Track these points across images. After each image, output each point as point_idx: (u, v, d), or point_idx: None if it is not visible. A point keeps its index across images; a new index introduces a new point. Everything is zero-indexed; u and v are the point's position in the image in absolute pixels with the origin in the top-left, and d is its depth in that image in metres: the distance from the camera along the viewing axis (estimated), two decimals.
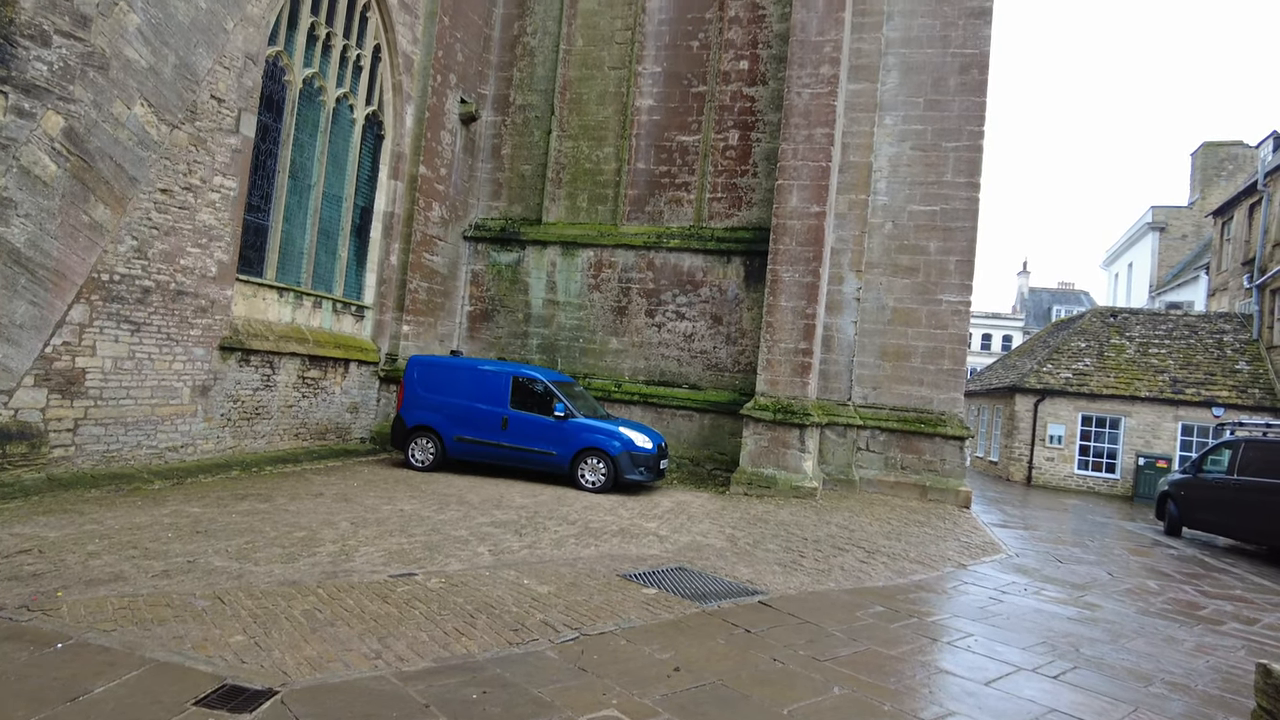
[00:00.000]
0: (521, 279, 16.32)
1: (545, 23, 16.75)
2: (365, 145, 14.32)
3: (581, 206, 16.22)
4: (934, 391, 14.16)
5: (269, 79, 11.81)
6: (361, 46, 13.85)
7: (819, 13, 13.64)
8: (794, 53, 13.71)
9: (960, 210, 14.21)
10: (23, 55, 7.96)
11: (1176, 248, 36.55)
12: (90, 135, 8.66)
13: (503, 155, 16.91)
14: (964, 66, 14.43)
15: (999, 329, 59.68)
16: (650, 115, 15.83)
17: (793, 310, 13.34)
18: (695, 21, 15.69)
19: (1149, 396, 22.13)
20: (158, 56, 9.44)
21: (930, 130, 14.47)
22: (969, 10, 14.49)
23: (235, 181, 10.96)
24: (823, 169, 13.42)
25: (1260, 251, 24.13)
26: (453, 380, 12.63)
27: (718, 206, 15.30)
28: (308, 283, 13.20)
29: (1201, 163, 35.78)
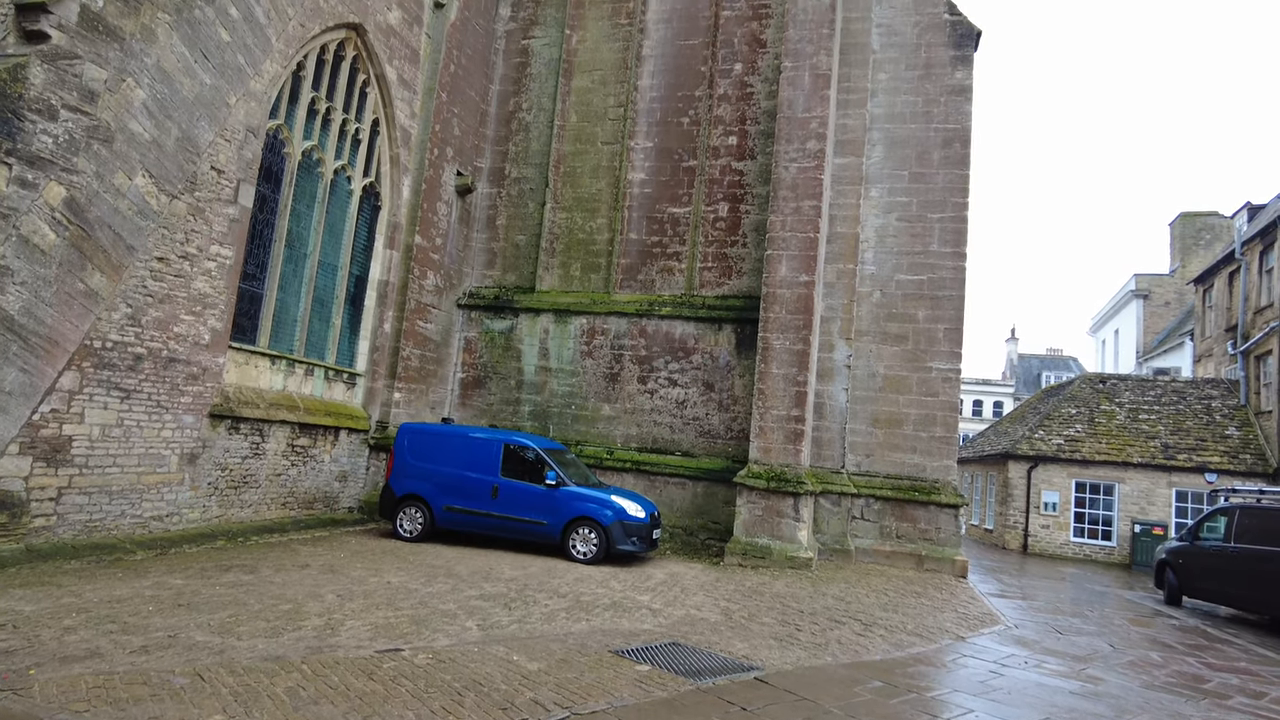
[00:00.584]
0: (514, 346, 16.38)
1: (540, 100, 17.26)
2: (362, 215, 14.55)
3: (575, 275, 16.43)
4: (927, 459, 14.13)
5: (269, 151, 12.07)
6: (361, 121, 14.21)
7: (805, 91, 14.12)
8: (781, 129, 14.13)
9: (947, 279, 14.45)
10: (29, 129, 8.13)
11: (1161, 314, 37.14)
12: (91, 205, 8.79)
13: (498, 225, 17.19)
14: (946, 141, 14.88)
15: (989, 395, 59.96)
16: (642, 188, 16.19)
17: (784, 377, 13.40)
18: (685, 99, 16.20)
19: (1141, 463, 22.12)
20: (161, 130, 9.65)
21: (915, 202, 14.83)
22: (950, 88, 15.03)
23: (231, 250, 11.08)
24: (811, 240, 13.68)
25: (1242, 318, 24.52)
26: (443, 448, 12.54)
27: (708, 275, 15.52)
28: (300, 350, 13.22)
29: (1180, 232, 36.69)
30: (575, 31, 17.09)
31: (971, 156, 14.84)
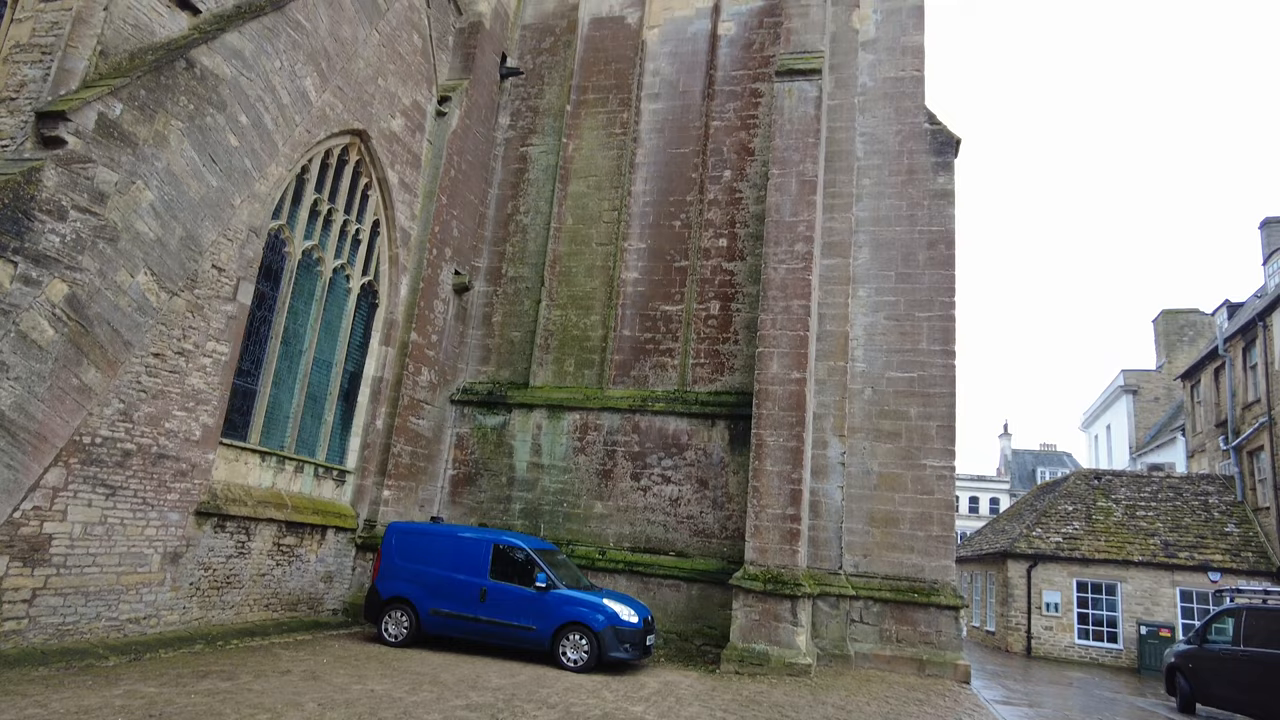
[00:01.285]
0: (506, 442, 16.30)
1: (538, 203, 17.81)
2: (359, 313, 14.74)
3: (568, 371, 16.53)
4: (925, 559, 13.89)
5: (269, 250, 12.32)
6: (361, 222, 14.59)
7: (792, 196, 14.62)
8: (770, 232, 14.55)
9: (938, 377, 14.59)
10: (38, 228, 8.32)
11: (1151, 409, 37.41)
12: (92, 302, 8.90)
13: (493, 323, 17.41)
14: (931, 243, 15.33)
15: (985, 491, 59.49)
16: (635, 286, 16.51)
17: (779, 475, 13.31)
18: (677, 204, 16.74)
19: (1142, 561, 21.77)
20: (166, 230, 9.89)
21: (903, 301, 15.14)
22: (932, 192, 15.60)
23: (228, 347, 11.15)
24: (801, 338, 13.87)
25: (1231, 413, 24.68)
26: (431, 548, 12.28)
27: (701, 371, 15.64)
28: (291, 446, 13.12)
29: (1163, 329, 37.40)
30: (572, 140, 17.81)
31: (956, 257, 15.26)
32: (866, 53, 16.73)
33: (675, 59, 17.73)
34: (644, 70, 17.82)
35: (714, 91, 17.14)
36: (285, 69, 11.88)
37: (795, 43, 15.58)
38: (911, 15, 16.85)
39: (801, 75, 15.05)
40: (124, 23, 10.04)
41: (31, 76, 9.73)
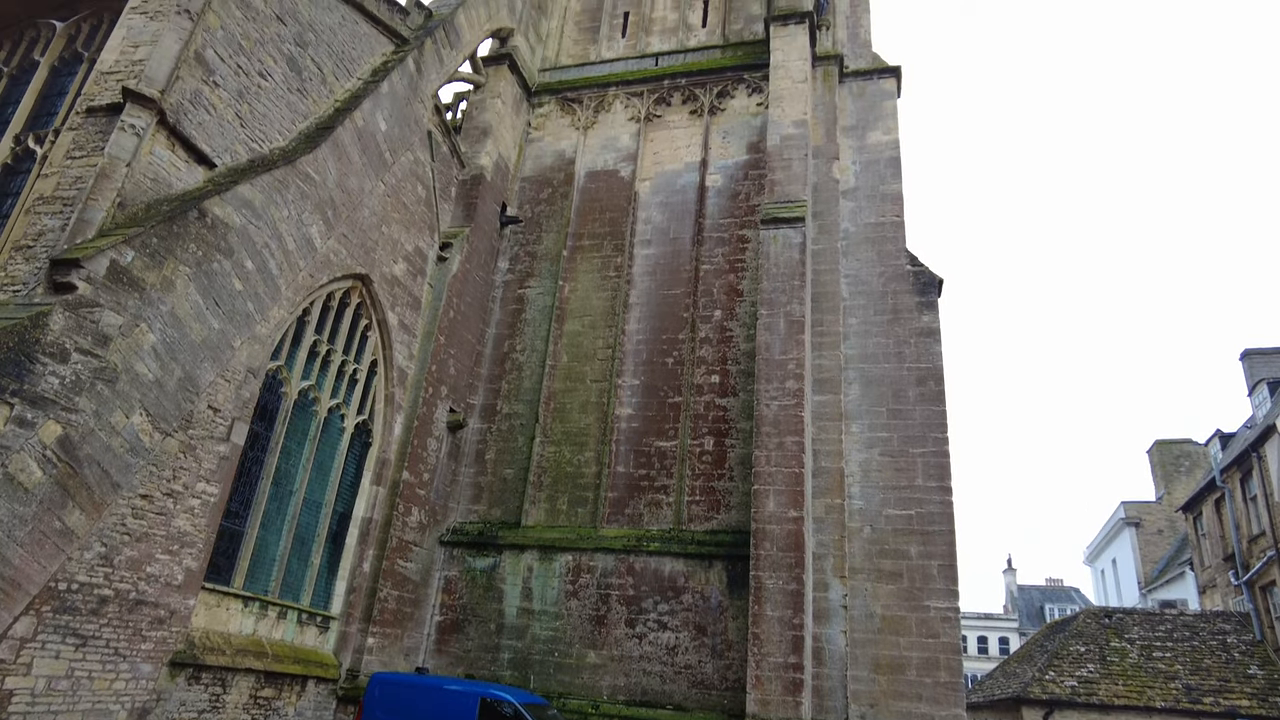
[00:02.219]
0: (496, 585, 15.80)
1: (534, 342, 18.17)
2: (352, 452, 14.68)
3: (561, 509, 16.28)
4: (934, 708, 13.20)
5: (266, 390, 12.43)
6: (359, 362, 14.81)
7: (781, 335, 14.98)
8: (761, 369, 14.80)
9: (936, 514, 14.42)
10: (39, 371, 8.43)
11: (1155, 542, 36.75)
12: (84, 443, 8.88)
13: (486, 460, 17.32)
14: (920, 379, 15.56)
15: (993, 630, 57.22)
16: (629, 423, 16.58)
17: (779, 620, 12.86)
18: (669, 341, 17.11)
19: (1165, 707, 20.68)
20: (165, 371, 10.02)
21: (896, 437, 15.18)
22: (918, 330, 16.00)
23: (218, 488, 11.03)
24: (796, 474, 13.80)
25: (1238, 547, 24.23)
26: (415, 703, 11.65)
27: (696, 509, 15.42)
28: (276, 591, 12.70)
29: (1159, 459, 37.36)
30: (568, 282, 18.42)
31: (946, 393, 15.44)
32: (848, 200, 17.64)
33: (666, 208, 18.64)
34: (636, 218, 18.70)
35: (703, 237, 17.92)
36: (293, 218, 12.43)
37: (779, 193, 16.46)
38: (889, 166, 17.91)
39: (786, 223, 15.80)
40: (144, 177, 10.61)
41: (50, 226, 10.17)
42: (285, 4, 13.46)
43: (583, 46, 22.19)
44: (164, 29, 11.47)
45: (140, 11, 12.16)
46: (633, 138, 19.71)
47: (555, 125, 20.62)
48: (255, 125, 12.63)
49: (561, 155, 20.14)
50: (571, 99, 20.71)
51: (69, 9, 13.44)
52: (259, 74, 12.78)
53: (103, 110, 10.94)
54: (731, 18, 21.24)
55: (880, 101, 18.94)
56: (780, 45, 18.32)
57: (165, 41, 11.32)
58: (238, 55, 12.39)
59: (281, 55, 13.26)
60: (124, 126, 10.53)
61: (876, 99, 18.99)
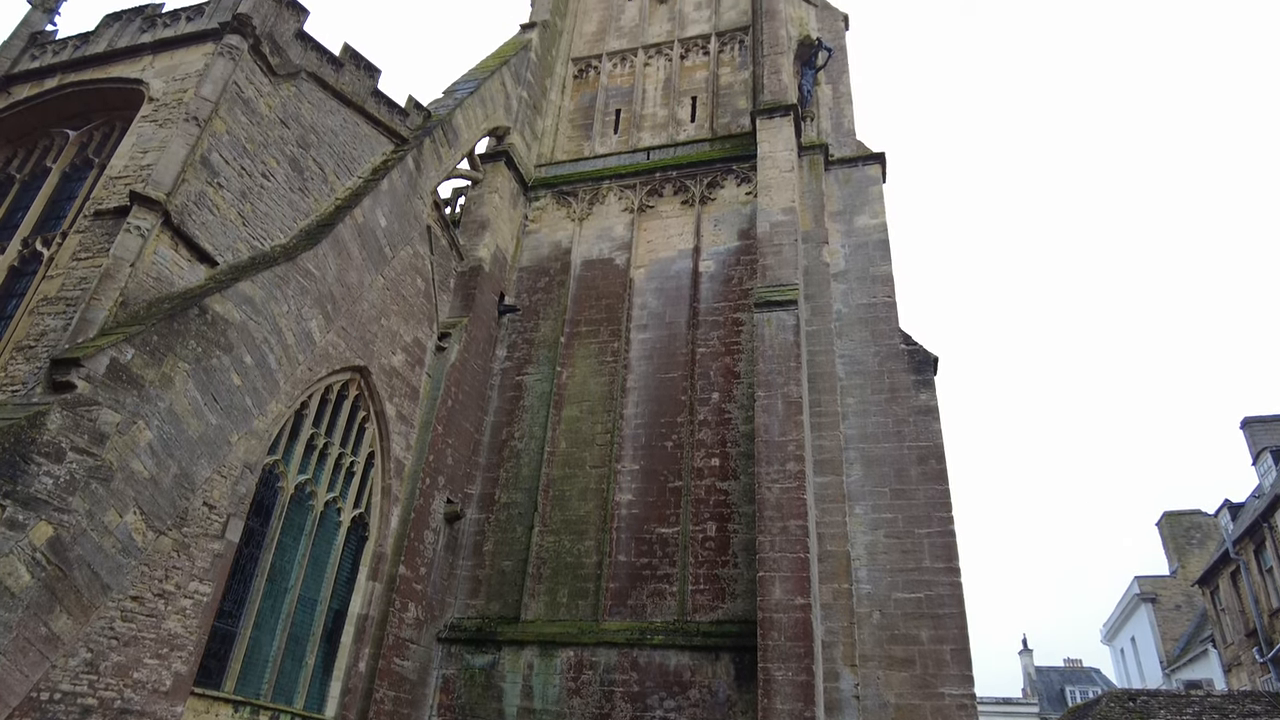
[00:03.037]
0: (495, 684, 15.25)
1: (532, 428, 18.12)
2: (348, 546, 14.42)
3: (561, 602, 15.88)
4: None
5: (263, 485, 12.32)
6: (356, 454, 14.72)
7: (779, 417, 14.96)
8: (761, 451, 14.72)
9: (945, 596, 14.08)
10: (33, 471, 8.37)
11: (1174, 619, 35.76)
12: (75, 544, 8.73)
13: (484, 552, 17.00)
14: (921, 458, 15.47)
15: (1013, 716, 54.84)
16: (630, 509, 16.36)
17: (790, 714, 12.36)
18: (668, 425, 17.07)
19: None
20: (161, 468, 9.95)
21: (901, 518, 14.98)
22: (916, 409, 16.01)
23: (210, 587, 10.79)
24: (801, 559, 13.55)
25: (1259, 622, 23.57)
26: None
27: (701, 599, 15.05)
28: (268, 694, 12.25)
29: (1169, 532, 36.79)
30: (566, 368, 18.52)
31: (949, 472, 15.33)
32: (839, 282, 17.95)
33: (661, 294, 18.93)
34: (632, 304, 18.96)
35: (698, 321, 18.13)
36: (293, 312, 12.60)
37: (770, 277, 16.75)
38: (878, 248, 18.30)
39: (779, 306, 16.01)
40: (147, 276, 10.81)
41: (53, 326, 10.30)
42: (289, 108, 14.02)
43: (577, 143, 23.00)
44: (172, 135, 11.91)
45: (151, 120, 12.68)
46: (627, 227, 20.19)
47: (551, 217, 21.15)
48: (257, 224, 12.95)
49: (558, 246, 20.58)
50: (567, 192, 21.31)
51: (83, 119, 14.01)
52: (262, 175, 13.19)
53: (110, 213, 11.26)
54: (719, 113, 22.10)
55: (866, 187, 19.51)
56: (766, 137, 18.98)
57: (173, 147, 11.73)
58: (242, 157, 12.82)
59: (284, 156, 13.73)
60: (129, 228, 10.80)
61: (862, 185, 19.57)
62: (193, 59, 13.30)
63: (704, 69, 23.33)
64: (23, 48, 15.06)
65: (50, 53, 14.84)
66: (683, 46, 23.96)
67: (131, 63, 13.86)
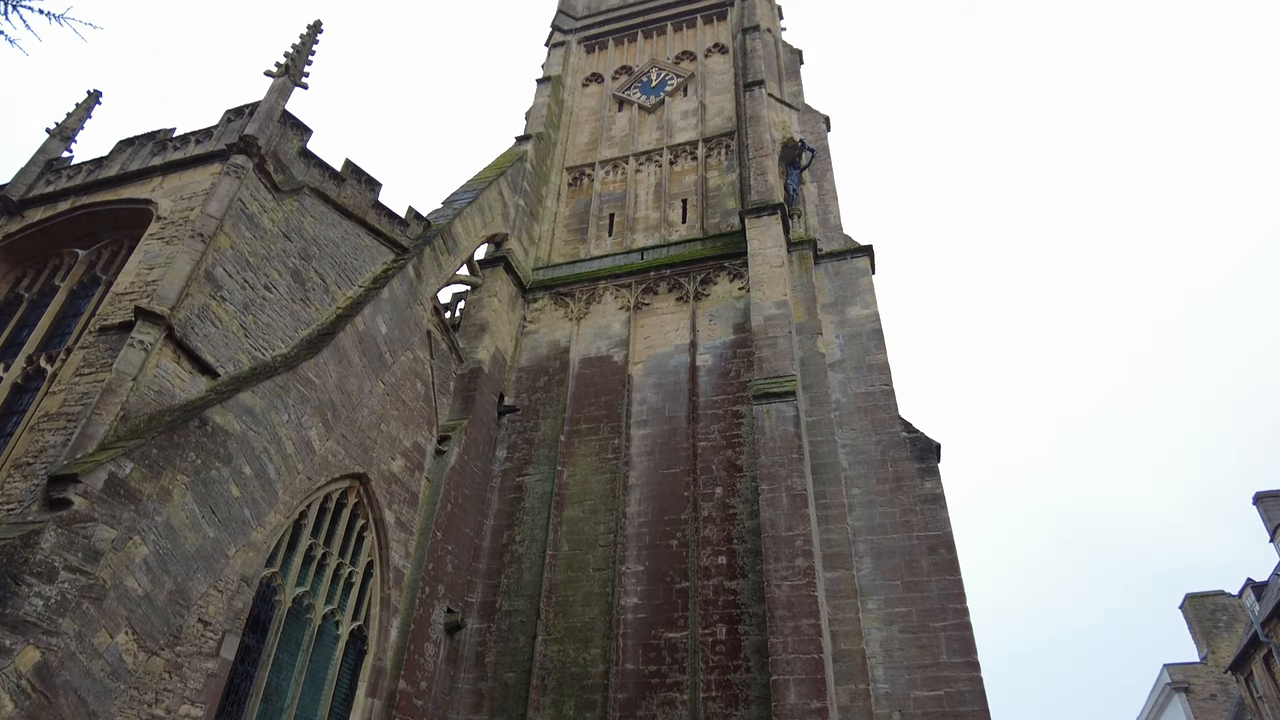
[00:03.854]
0: None
1: (533, 531, 17.81)
2: (346, 661, 13.91)
3: (568, 715, 15.20)
4: None
5: (260, 599, 11.98)
6: (355, 564, 14.40)
7: (785, 511, 14.76)
8: (768, 548, 14.44)
9: (966, 693, 13.53)
10: (24, 593, 8.17)
11: (1210, 709, 34.15)
12: (62, 669, 8.43)
13: (486, 663, 16.39)
14: (931, 548, 15.17)
15: None
16: (636, 613, 15.89)
17: None
18: (672, 523, 16.80)
19: None
20: (155, 585, 9.72)
21: (915, 612, 14.56)
22: (922, 497, 15.81)
23: (203, 710, 10.35)
24: (815, 661, 13.08)
25: None
26: None
27: (714, 706, 14.42)
28: None
29: (1194, 615, 35.64)
30: (566, 467, 18.37)
31: (959, 561, 15.00)
32: (836, 372, 18.07)
33: (660, 389, 19.01)
34: (632, 400, 19.01)
35: (698, 415, 18.13)
36: (293, 422, 12.60)
37: (767, 369, 16.88)
38: (872, 338, 18.52)
39: (777, 397, 16.07)
40: (149, 390, 10.87)
41: (52, 443, 10.28)
42: (292, 222, 14.45)
43: (573, 246, 23.63)
44: (178, 252, 12.22)
45: (158, 237, 13.04)
46: (624, 325, 20.47)
47: (549, 317, 21.47)
48: (259, 335, 13.13)
49: (556, 345, 20.81)
50: (564, 293, 21.72)
51: (93, 238, 14.41)
52: (265, 287, 13.46)
53: (114, 328, 11.42)
54: (709, 213, 22.81)
55: (856, 279, 19.93)
56: (756, 235, 19.52)
57: (178, 262, 12.02)
58: (245, 271, 13.12)
59: (287, 268, 14.05)
60: (133, 343, 10.94)
61: (852, 277, 19.99)
62: (200, 179, 13.80)
63: (693, 173, 24.23)
64: (39, 173, 15.64)
65: (65, 177, 15.39)
66: (672, 153, 24.96)
67: (142, 184, 14.37)
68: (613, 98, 27.93)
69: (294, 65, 15.40)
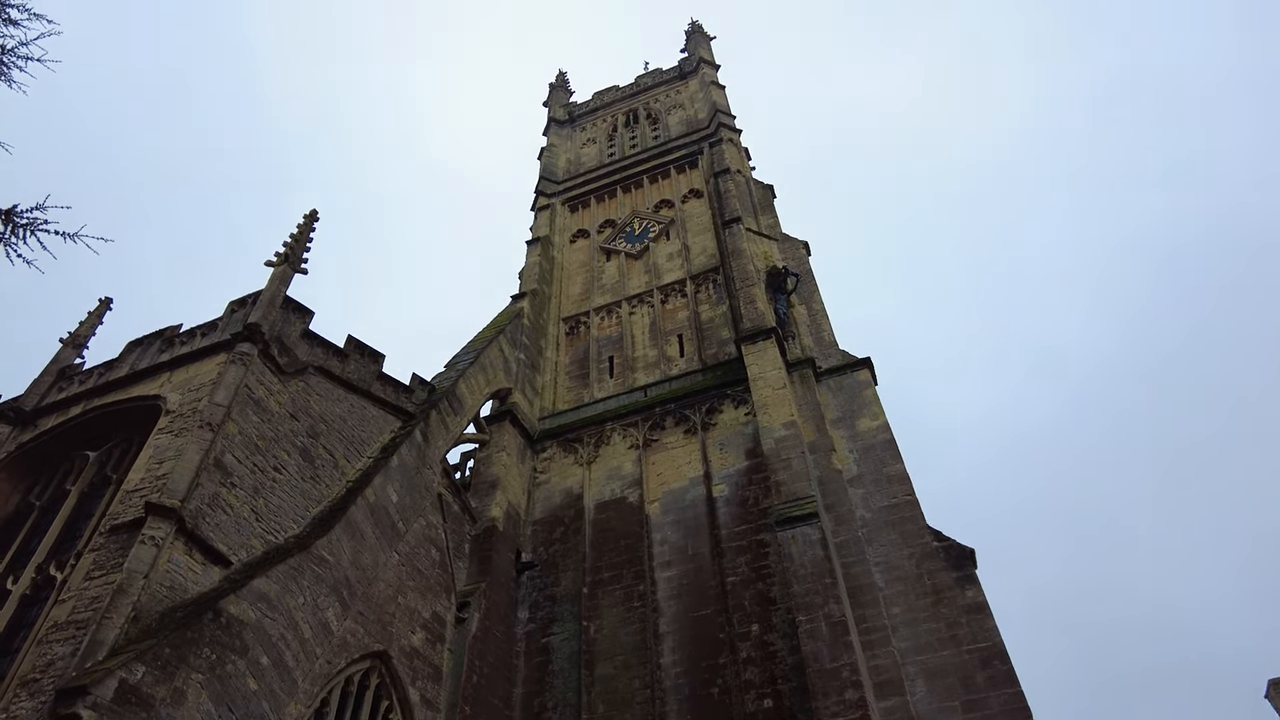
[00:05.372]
0: None
1: (565, 695, 16.82)
2: None
3: None
4: None
5: None
6: None
7: (826, 641, 14.04)
8: (815, 683, 13.63)
9: None
10: None
11: None
12: None
13: None
14: (984, 660, 14.34)
15: None
16: None
17: None
18: (710, 669, 15.93)
19: None
20: None
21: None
22: (965, 607, 15.10)
23: None
24: None
25: None
26: None
27: None
28: None
29: None
30: (592, 622, 17.62)
31: (1015, 671, 14.13)
32: (855, 488, 17.74)
33: (679, 526, 18.59)
34: (652, 540, 18.54)
35: (722, 549, 17.61)
36: (308, 604, 12.22)
37: (785, 492, 16.59)
38: (885, 449, 18.33)
39: (800, 521, 15.68)
40: (160, 586, 10.63)
41: (60, 654, 9.93)
42: (298, 402, 14.64)
43: (576, 391, 23.84)
44: (188, 443, 12.32)
45: (167, 431, 13.17)
46: (635, 464, 20.30)
47: (560, 465, 21.32)
48: (270, 518, 12.99)
49: (569, 492, 20.54)
50: (572, 439, 21.69)
51: (103, 438, 14.54)
52: (274, 468, 13.46)
53: (125, 527, 11.33)
54: (705, 345, 23.21)
55: (859, 391, 19.98)
56: (754, 360, 19.75)
57: (188, 454, 12.08)
58: (254, 455, 13.17)
59: (295, 448, 14.10)
60: (144, 539, 10.81)
61: (855, 390, 20.06)
62: (207, 370, 14.12)
63: (685, 309, 24.86)
64: (51, 382, 16.00)
65: (77, 382, 15.74)
66: (662, 293, 25.72)
67: (150, 381, 14.69)
68: (600, 249, 29.08)
69: (293, 253, 16.14)
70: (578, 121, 38.03)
